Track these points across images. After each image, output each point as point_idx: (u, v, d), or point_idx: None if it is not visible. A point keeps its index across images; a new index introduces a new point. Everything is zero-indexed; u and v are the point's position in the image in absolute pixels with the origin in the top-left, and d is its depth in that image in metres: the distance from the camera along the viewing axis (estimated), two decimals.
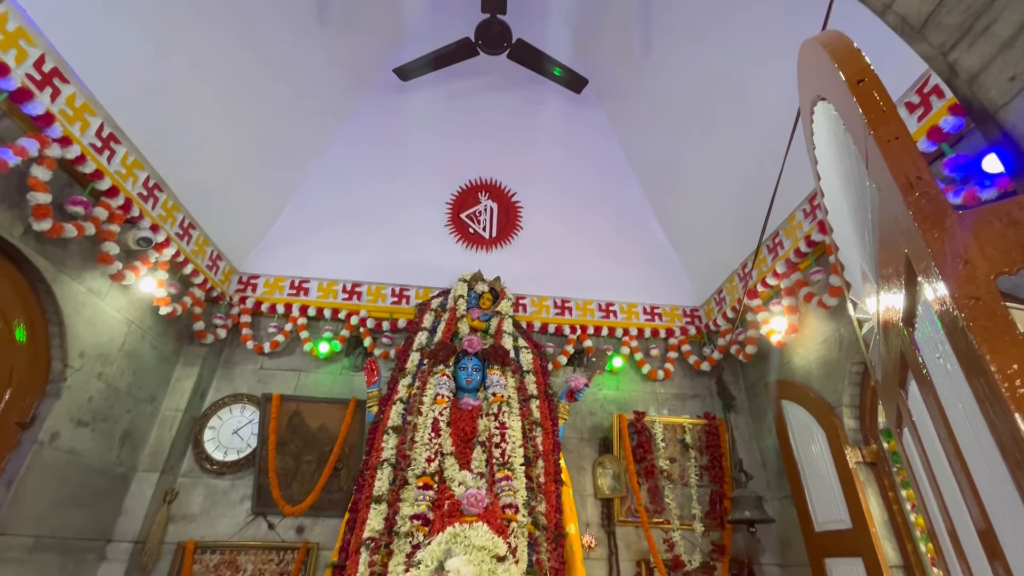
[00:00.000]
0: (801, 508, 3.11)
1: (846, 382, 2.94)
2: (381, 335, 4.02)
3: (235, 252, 3.98)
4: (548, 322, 4.21)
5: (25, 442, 2.55)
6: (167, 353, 3.55)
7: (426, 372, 3.07)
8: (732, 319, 3.91)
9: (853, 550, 2.72)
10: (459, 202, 4.50)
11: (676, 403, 4.12)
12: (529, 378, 3.20)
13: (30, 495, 2.53)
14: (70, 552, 2.81)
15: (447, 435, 2.77)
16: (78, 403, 2.80)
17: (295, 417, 3.67)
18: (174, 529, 3.32)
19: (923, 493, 1.40)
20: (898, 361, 1.18)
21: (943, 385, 0.89)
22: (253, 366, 3.92)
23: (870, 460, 2.82)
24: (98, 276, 2.87)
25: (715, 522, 3.61)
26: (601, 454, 3.82)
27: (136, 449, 3.30)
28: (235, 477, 3.52)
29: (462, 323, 3.49)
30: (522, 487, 2.55)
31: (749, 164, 3.39)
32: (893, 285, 1.03)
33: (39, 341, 2.64)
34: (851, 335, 2.91)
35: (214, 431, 3.62)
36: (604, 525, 3.62)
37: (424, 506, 2.40)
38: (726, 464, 3.77)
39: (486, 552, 2.05)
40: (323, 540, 3.37)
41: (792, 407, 3.27)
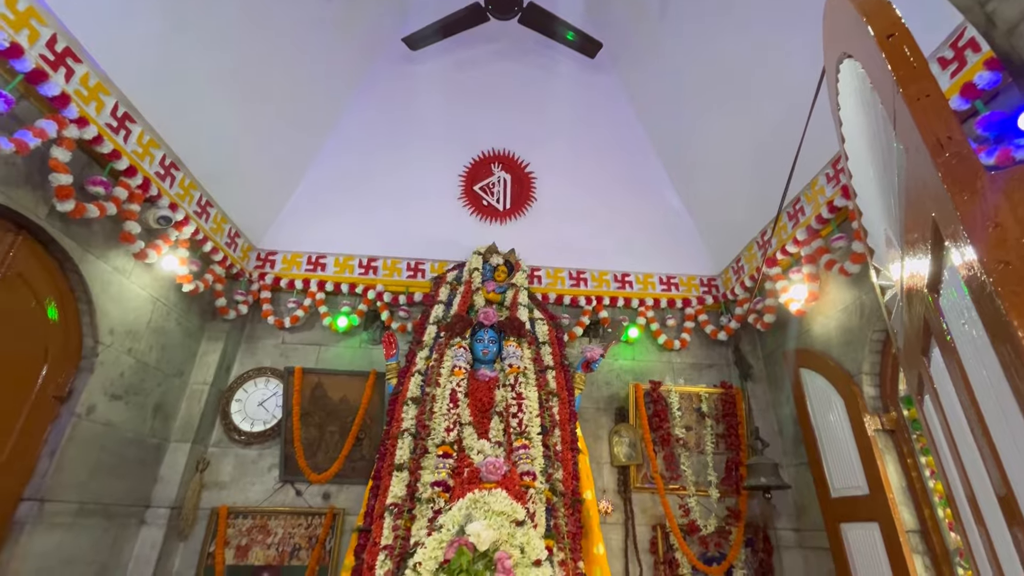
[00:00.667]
0: (817, 474, 3.13)
1: (867, 350, 2.91)
2: (398, 309, 4.06)
3: (252, 229, 4.03)
4: (563, 293, 4.21)
5: (64, 415, 2.67)
6: (192, 329, 3.65)
7: (443, 344, 3.11)
8: (750, 288, 3.86)
9: (869, 515, 2.73)
10: (472, 174, 4.46)
11: (692, 373, 4.13)
12: (545, 349, 3.23)
13: (71, 464, 2.66)
14: (112, 517, 2.97)
15: (465, 406, 2.82)
16: (111, 378, 2.91)
17: (317, 389, 3.77)
18: (207, 496, 3.48)
19: (942, 460, 1.40)
20: (921, 328, 1.16)
21: (967, 352, 0.87)
22: (275, 341, 4.01)
23: (889, 427, 2.80)
24: (122, 255, 2.93)
25: (731, 488, 3.66)
26: (617, 423, 3.87)
27: (168, 421, 3.43)
28: (262, 447, 3.66)
29: (477, 296, 3.51)
30: (539, 455, 2.60)
31: (770, 128, 3.28)
32: (918, 250, 1.00)
33: (70, 319, 2.73)
34: (873, 303, 2.85)
35: (240, 403, 3.74)
36: (620, 491, 3.69)
37: (444, 473, 2.47)
38: (742, 432, 3.79)
39: (505, 517, 2.12)
40: (348, 506, 3.51)
41: (810, 375, 3.24)
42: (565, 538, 2.39)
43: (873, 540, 2.70)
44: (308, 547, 3.36)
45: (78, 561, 2.74)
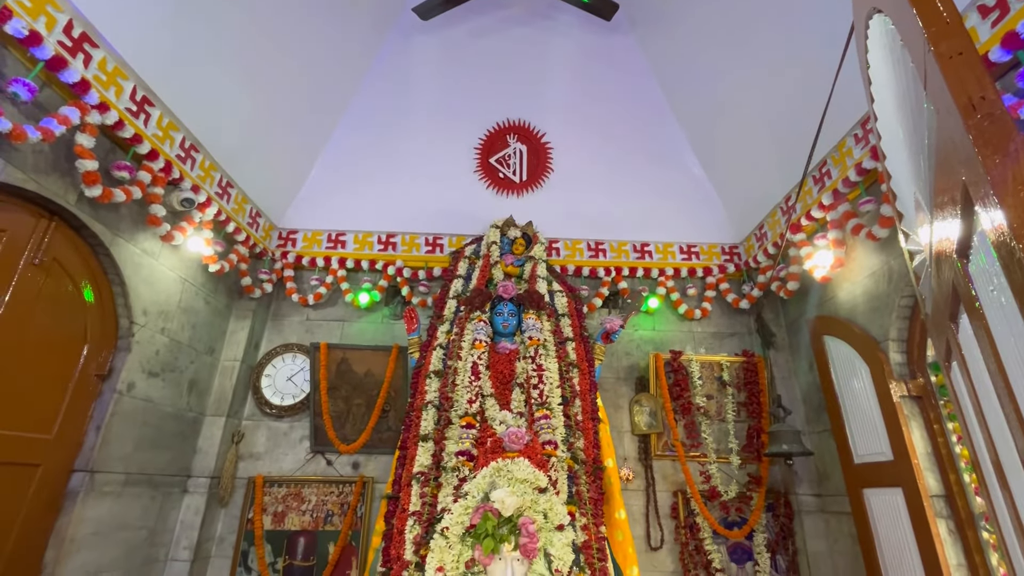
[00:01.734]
0: (840, 441, 3.12)
1: (894, 316, 2.84)
2: (417, 284, 4.11)
3: (273, 209, 4.09)
4: (582, 265, 4.19)
5: (106, 392, 2.81)
6: (220, 308, 3.76)
7: (463, 319, 3.15)
8: (773, 255, 3.78)
9: (893, 481, 2.73)
10: (487, 146, 4.42)
11: (714, 341, 4.11)
12: (564, 321, 3.24)
13: (116, 438, 2.82)
14: (157, 486, 3.15)
15: (486, 378, 2.87)
16: (147, 356, 3.04)
17: (343, 364, 3.87)
18: (243, 466, 3.65)
19: (969, 426, 1.38)
20: (950, 294, 1.13)
21: (996, 318, 0.85)
22: (300, 317, 4.11)
23: (916, 394, 2.76)
24: (150, 238, 3.02)
25: (752, 455, 3.68)
26: (638, 393, 3.89)
27: (202, 396, 3.58)
28: (293, 420, 3.80)
29: (496, 269, 3.52)
30: (560, 425, 2.65)
31: (795, 90, 3.15)
32: (948, 214, 0.97)
33: (105, 301, 2.84)
34: (900, 268, 2.78)
35: (270, 378, 3.87)
36: (641, 459, 3.75)
37: (468, 443, 2.54)
38: (764, 400, 3.78)
39: (528, 484, 2.18)
40: (377, 475, 3.65)
41: (834, 342, 3.20)
42: (587, 504, 2.45)
43: (896, 505, 2.70)
44: (340, 513, 3.52)
45: (129, 526, 2.93)
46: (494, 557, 1.99)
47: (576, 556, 2.10)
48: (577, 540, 2.20)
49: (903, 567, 2.64)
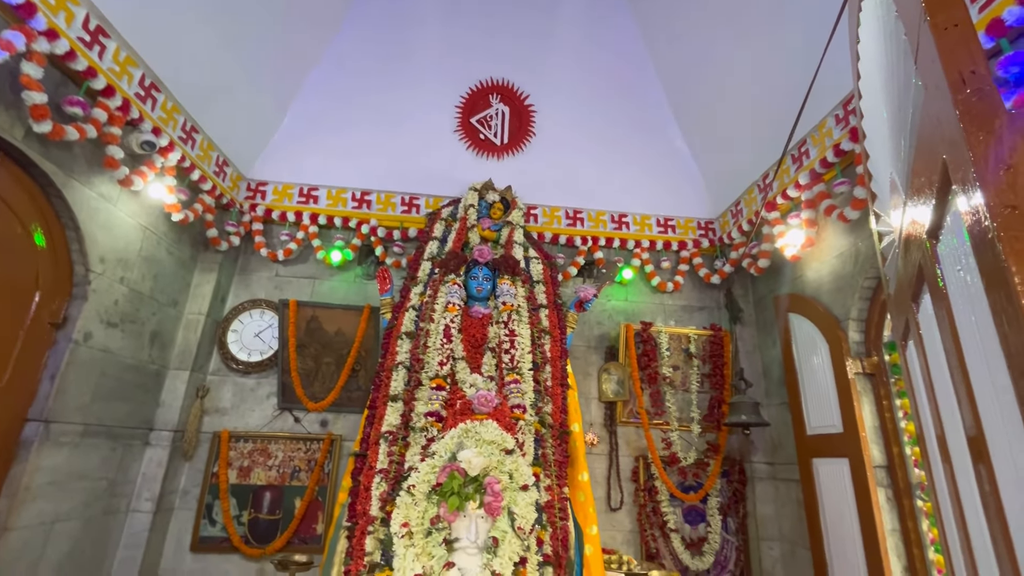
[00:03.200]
0: (796, 414, 3.26)
1: (856, 296, 2.94)
2: (392, 244, 4.03)
3: (241, 158, 3.90)
4: (559, 233, 4.18)
5: (61, 341, 2.70)
6: (184, 259, 3.62)
7: (437, 281, 3.11)
8: (747, 232, 3.84)
9: (841, 451, 2.88)
10: (469, 105, 4.28)
11: (683, 315, 4.19)
12: (539, 288, 3.24)
13: (73, 388, 2.72)
14: (117, 438, 3.08)
15: (458, 341, 2.87)
16: (105, 305, 2.92)
17: (312, 322, 3.81)
18: (208, 420, 3.60)
19: (918, 402, 1.45)
20: (915, 275, 1.16)
21: (958, 298, 0.88)
22: (269, 273, 4.00)
23: (869, 371, 2.89)
24: (107, 181, 2.85)
25: (712, 424, 3.83)
26: (607, 361, 3.97)
27: (165, 349, 3.48)
28: (260, 376, 3.75)
29: (473, 233, 3.47)
30: (530, 390, 2.68)
31: (782, 67, 3.13)
32: (923, 196, 0.98)
33: (58, 246, 2.69)
34: (868, 250, 2.85)
35: (236, 334, 3.79)
36: (607, 425, 3.86)
37: (438, 405, 2.55)
38: (727, 373, 3.91)
39: (495, 446, 2.21)
40: (345, 432, 3.66)
41: (799, 320, 3.30)
42: (552, 466, 2.51)
43: (842, 473, 2.86)
44: (307, 469, 3.54)
45: (88, 477, 2.87)
46: (459, 514, 2.03)
47: (539, 515, 2.16)
48: (541, 500, 2.26)
49: (842, 530, 2.82)
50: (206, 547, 3.35)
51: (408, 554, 1.98)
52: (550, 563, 2.14)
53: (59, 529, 2.70)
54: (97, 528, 2.96)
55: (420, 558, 1.97)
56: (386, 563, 2.03)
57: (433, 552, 1.99)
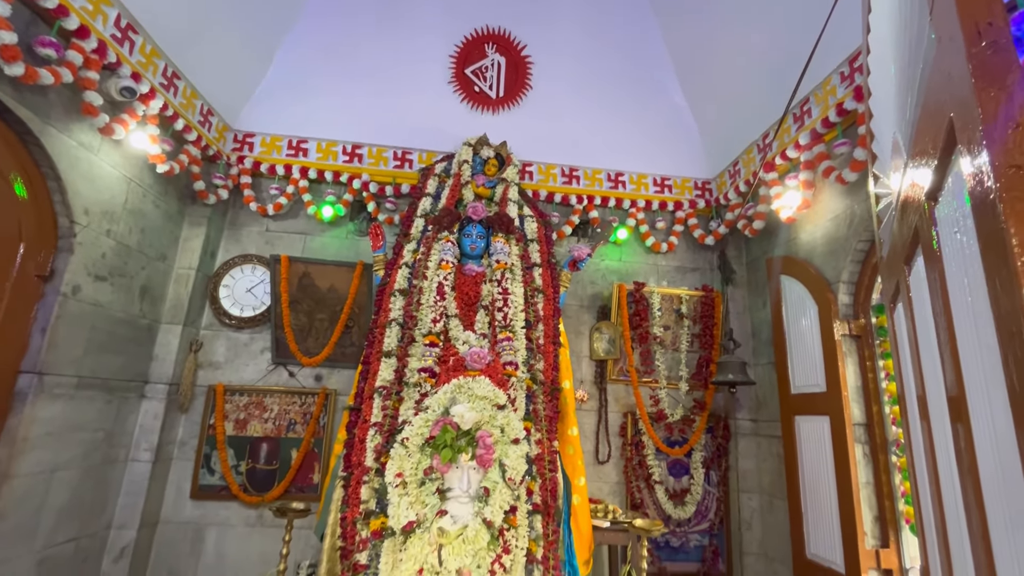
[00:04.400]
0: (781, 373, 3.34)
1: (848, 259, 2.96)
2: (384, 200, 3.96)
3: (226, 107, 3.76)
4: (555, 191, 4.12)
5: (49, 294, 2.67)
6: (171, 212, 3.54)
7: (430, 238, 3.08)
8: (744, 193, 3.81)
9: (823, 410, 2.98)
10: (464, 55, 4.12)
11: (676, 275, 4.21)
12: (533, 247, 3.22)
13: (64, 341, 2.72)
14: (113, 391, 3.11)
15: (452, 299, 2.87)
16: (93, 258, 2.87)
17: (305, 278, 3.78)
18: (203, 374, 3.63)
19: (902, 362, 1.48)
20: (909, 238, 1.16)
21: (952, 261, 0.88)
22: (259, 228, 3.94)
23: (856, 333, 2.95)
24: (86, 129, 2.74)
25: (699, 383, 3.92)
26: (599, 320, 4.01)
27: (156, 304, 3.46)
28: (253, 331, 3.76)
29: (466, 189, 3.41)
30: (522, 347, 2.71)
31: (789, 20, 3.01)
32: (926, 156, 0.96)
33: (40, 197, 2.62)
34: (863, 212, 2.85)
35: (228, 289, 3.76)
36: (597, 382, 3.94)
37: (431, 361, 2.58)
38: (717, 333, 3.97)
39: (487, 401, 2.26)
40: (339, 387, 3.71)
41: (790, 282, 3.33)
42: (542, 421, 2.58)
43: (822, 430, 2.97)
44: (303, 422, 3.61)
45: (85, 428, 2.91)
46: (451, 466, 2.10)
47: (529, 467, 2.24)
48: (531, 453, 2.33)
49: (819, 483, 2.95)
50: (206, 495, 3.46)
51: (402, 502, 2.05)
52: (539, 511, 2.23)
53: (59, 477, 2.75)
54: (97, 477, 3.03)
55: (414, 506, 2.05)
56: (381, 510, 2.10)
57: (427, 501, 2.06)
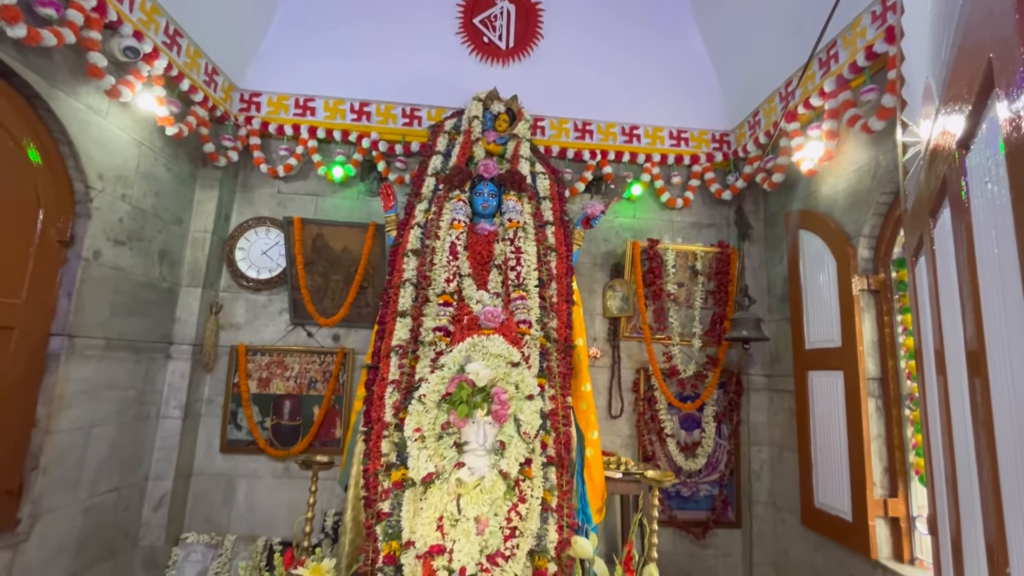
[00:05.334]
0: (796, 329, 3.33)
1: (870, 212, 2.87)
2: (394, 159, 3.91)
3: (231, 66, 3.68)
4: (567, 147, 4.02)
5: (72, 259, 2.73)
6: (183, 176, 3.55)
7: (442, 197, 3.06)
8: (764, 145, 3.68)
9: (837, 365, 2.97)
10: (471, 3, 3.95)
11: (691, 231, 4.14)
12: (545, 204, 3.18)
13: (90, 304, 2.80)
14: (140, 351, 3.22)
15: (464, 258, 2.88)
16: (110, 223, 2.91)
17: (318, 240, 3.80)
18: (224, 335, 3.73)
19: (921, 317, 1.46)
20: (937, 188, 1.11)
21: (981, 212, 0.85)
22: (271, 190, 3.94)
23: (874, 288, 2.90)
24: (93, 92, 2.72)
25: (713, 339, 3.92)
26: (612, 278, 4.00)
27: (175, 267, 3.53)
28: (271, 293, 3.82)
29: (477, 147, 3.35)
30: (535, 306, 2.73)
31: None
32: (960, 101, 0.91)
33: (54, 162, 2.63)
34: (888, 163, 2.74)
35: (244, 251, 3.81)
36: (610, 340, 3.97)
37: (445, 320, 2.61)
38: (732, 290, 3.94)
39: (502, 359, 2.29)
40: (357, 346, 3.79)
41: (809, 237, 3.26)
42: (556, 377, 2.62)
43: (835, 385, 2.97)
44: (323, 380, 3.72)
45: (117, 387, 3.04)
46: (468, 421, 2.16)
47: (543, 421, 2.29)
48: (545, 408, 2.38)
49: (830, 435, 2.99)
50: (234, 449, 3.62)
51: (421, 455, 2.13)
52: (553, 463, 2.30)
53: (96, 433, 2.90)
54: (131, 432, 3.19)
55: (433, 459, 2.12)
56: (401, 463, 2.19)
57: (444, 454, 2.13)
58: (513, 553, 1.99)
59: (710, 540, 3.75)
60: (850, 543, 2.80)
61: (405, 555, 1.99)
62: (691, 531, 3.73)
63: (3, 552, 2.36)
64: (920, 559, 2.62)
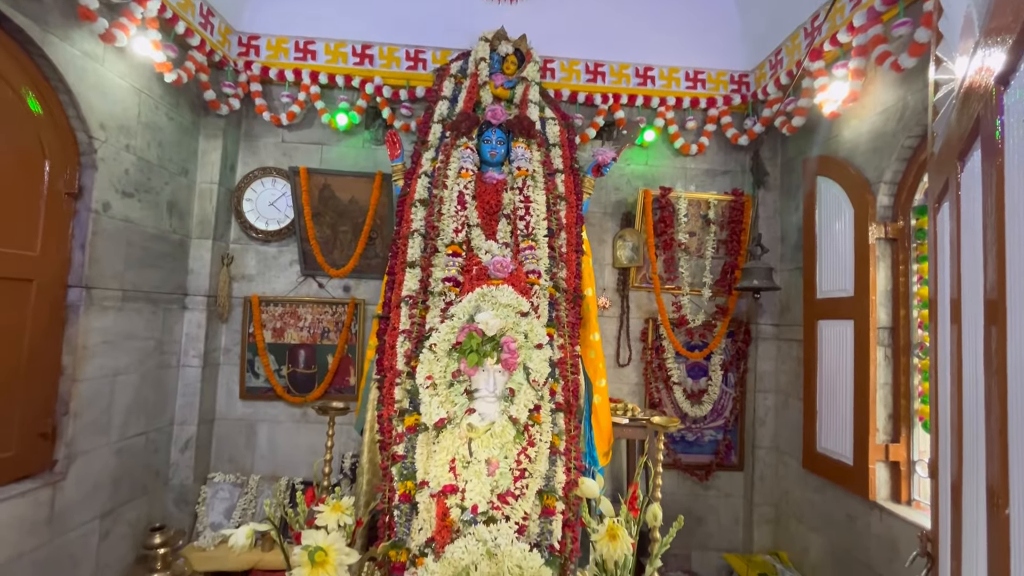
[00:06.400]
0: (808, 278, 3.29)
1: (893, 158, 2.76)
2: (399, 105, 3.80)
3: (227, 7, 3.52)
4: (578, 90, 3.86)
5: (81, 211, 2.73)
6: (186, 125, 3.49)
7: (449, 145, 2.98)
8: (785, 86, 3.50)
9: (847, 314, 2.96)
10: None
11: (705, 179, 4.04)
12: (555, 152, 3.10)
13: (104, 256, 2.83)
14: (157, 302, 3.28)
15: (473, 208, 2.84)
16: (116, 175, 2.90)
17: (325, 190, 3.77)
18: (237, 287, 3.78)
19: (939, 265, 1.43)
20: (969, 129, 1.05)
21: (1015, 153, 0.80)
22: (275, 139, 3.87)
23: (892, 236, 2.84)
24: (87, 37, 2.63)
25: (723, 289, 3.91)
26: (622, 228, 3.94)
27: (184, 219, 3.53)
28: (280, 245, 3.84)
29: (484, 91, 3.23)
30: (545, 256, 2.71)
31: None
32: (1003, 32, 0.85)
33: (55, 112, 2.59)
34: (917, 104, 2.61)
35: (251, 203, 3.79)
36: (619, 290, 3.97)
37: (454, 270, 2.61)
38: (744, 239, 3.88)
39: (511, 309, 2.31)
40: (368, 297, 3.84)
41: (827, 184, 3.16)
42: (565, 327, 2.64)
43: (845, 334, 2.97)
44: (336, 330, 3.79)
45: (137, 337, 3.13)
46: (478, 369, 2.20)
47: (552, 370, 2.33)
48: (554, 357, 2.42)
49: (836, 383, 3.02)
50: (253, 395, 3.76)
51: (433, 402, 2.19)
52: (561, 410, 2.36)
53: (121, 381, 3.01)
54: (154, 380, 3.30)
55: (444, 405, 2.19)
56: (414, 408, 2.26)
57: (456, 400, 2.19)
58: (523, 492, 2.08)
59: (713, 482, 3.89)
60: (849, 485, 2.89)
61: (420, 494, 2.09)
62: (694, 474, 3.86)
63: (44, 489, 2.52)
64: (917, 500, 2.70)
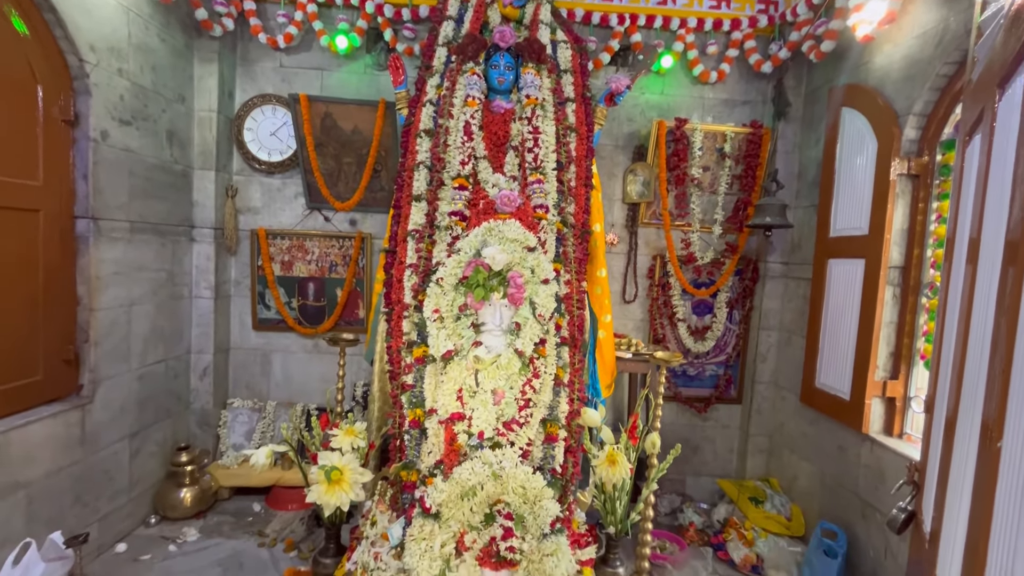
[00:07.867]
0: (823, 216, 3.22)
1: (926, 87, 2.60)
2: (402, 26, 3.58)
3: None
4: (592, 9, 3.60)
5: (80, 140, 2.68)
6: (179, 48, 3.33)
7: (455, 71, 2.83)
8: (817, 5, 3.24)
9: (859, 253, 2.91)
10: None
11: (723, 110, 3.85)
12: (566, 78, 2.94)
13: (107, 188, 2.81)
14: (164, 235, 3.29)
15: (479, 139, 2.75)
16: (112, 101, 2.81)
17: (327, 119, 3.64)
18: (243, 219, 3.77)
19: (961, 202, 1.38)
20: (1014, 52, 0.98)
21: None
22: (272, 64, 3.70)
23: (915, 172, 2.73)
24: None
25: (734, 226, 3.83)
26: (634, 161, 3.82)
27: (184, 149, 3.46)
28: (284, 176, 3.77)
29: (492, 10, 3.02)
30: (553, 190, 2.65)
31: None
32: None
33: (42, 33, 2.47)
34: (958, 27, 2.41)
35: (252, 132, 3.69)
36: (628, 226, 3.91)
37: (461, 204, 2.57)
38: (760, 174, 3.75)
39: (518, 243, 2.29)
40: (374, 231, 3.82)
41: (852, 115, 3.00)
42: (572, 263, 2.63)
43: (855, 273, 2.94)
44: (343, 264, 3.81)
45: (148, 268, 3.16)
46: (484, 303, 2.22)
47: (558, 305, 2.35)
48: (560, 292, 2.43)
49: (841, 321, 3.03)
50: (266, 327, 3.85)
51: (440, 334, 2.23)
52: (566, 344, 2.41)
53: (136, 311, 3.09)
54: (169, 310, 3.38)
55: (451, 338, 2.23)
56: (422, 340, 2.31)
57: (463, 333, 2.23)
58: (527, 421, 2.17)
59: (711, 414, 4.03)
60: (844, 419, 2.98)
61: (429, 420, 2.18)
62: (694, 406, 3.99)
63: (74, 412, 2.66)
64: (908, 434, 2.79)
